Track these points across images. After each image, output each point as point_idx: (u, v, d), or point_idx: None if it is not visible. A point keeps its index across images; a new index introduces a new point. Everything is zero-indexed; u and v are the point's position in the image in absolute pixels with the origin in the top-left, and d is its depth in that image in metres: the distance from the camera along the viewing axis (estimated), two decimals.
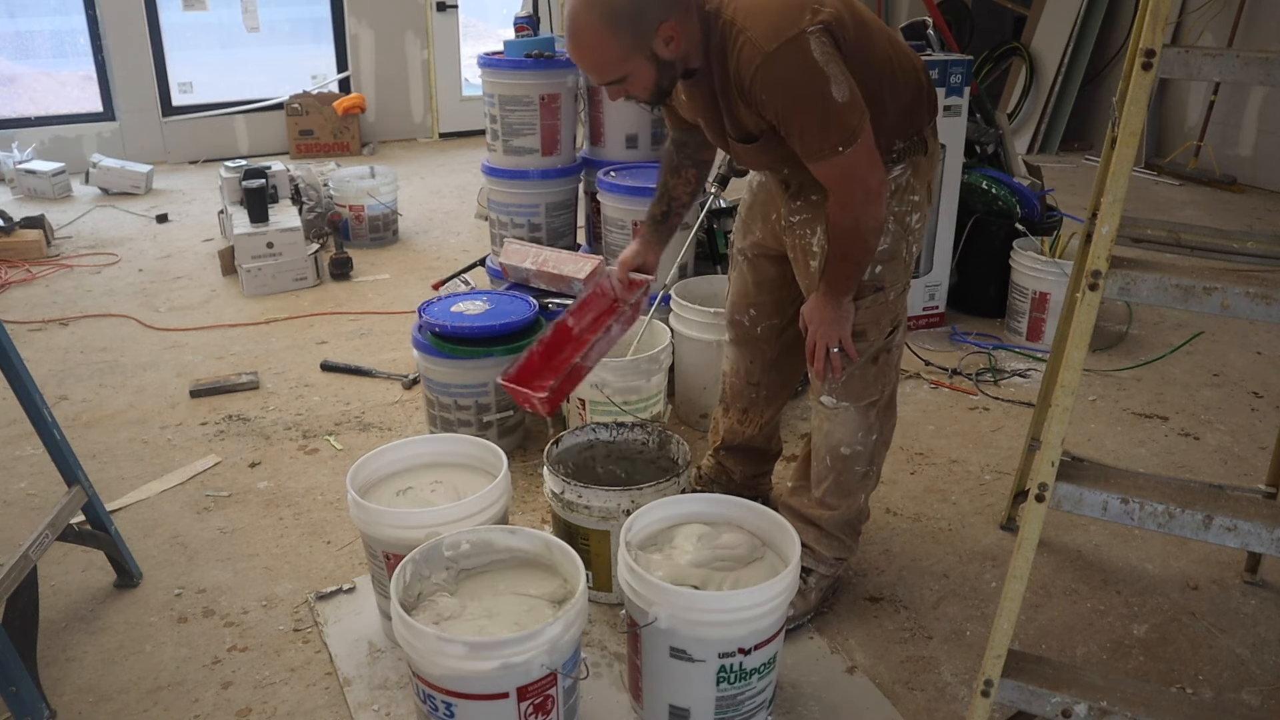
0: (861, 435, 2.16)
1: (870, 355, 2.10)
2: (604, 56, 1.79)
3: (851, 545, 2.28)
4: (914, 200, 2.05)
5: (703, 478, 2.61)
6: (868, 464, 2.20)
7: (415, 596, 1.79)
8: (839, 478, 2.19)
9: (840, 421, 2.16)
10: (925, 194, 2.08)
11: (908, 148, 2.01)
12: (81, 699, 2.01)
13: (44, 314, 4.12)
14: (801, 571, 2.17)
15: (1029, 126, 7.17)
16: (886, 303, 2.08)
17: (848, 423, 2.15)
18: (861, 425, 2.16)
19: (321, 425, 3.15)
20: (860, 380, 2.12)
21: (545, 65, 3.29)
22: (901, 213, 2.04)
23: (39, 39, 6.67)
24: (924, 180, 2.06)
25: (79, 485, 2.23)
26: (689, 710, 1.81)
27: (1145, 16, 1.39)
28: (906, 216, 2.04)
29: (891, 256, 2.05)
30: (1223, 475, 2.87)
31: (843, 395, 2.13)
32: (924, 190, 2.07)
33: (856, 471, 2.19)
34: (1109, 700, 1.59)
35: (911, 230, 2.07)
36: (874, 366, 2.12)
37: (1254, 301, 1.43)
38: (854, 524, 2.27)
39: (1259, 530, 1.46)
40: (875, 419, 2.17)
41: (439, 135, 7.73)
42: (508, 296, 3.00)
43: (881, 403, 2.16)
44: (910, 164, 2.02)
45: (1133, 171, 1.42)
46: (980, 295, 4.03)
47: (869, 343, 2.09)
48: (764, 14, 1.76)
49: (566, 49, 1.97)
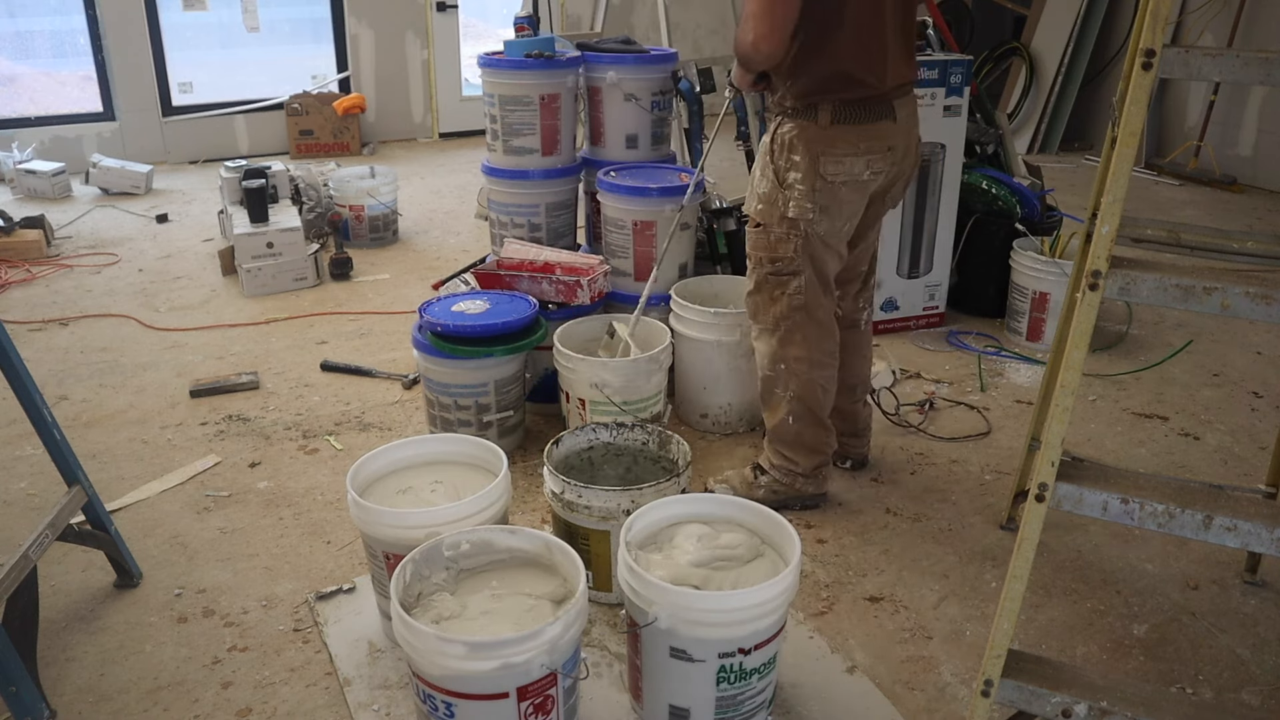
0: (767, 361, 2.55)
1: (760, 283, 2.49)
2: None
3: (796, 461, 2.58)
4: (793, 159, 2.35)
5: None
6: (784, 388, 2.54)
7: (415, 596, 1.79)
8: (762, 391, 2.62)
9: (757, 345, 2.59)
10: (809, 163, 2.32)
11: (802, 110, 2.32)
12: (81, 699, 2.01)
13: (44, 314, 4.12)
14: (758, 468, 2.66)
15: (1029, 126, 7.17)
16: (767, 241, 2.44)
17: (759, 347, 2.58)
18: (765, 350, 2.55)
19: (321, 425, 3.15)
20: (760, 306, 2.53)
21: (545, 65, 3.29)
22: (780, 166, 2.38)
23: (39, 39, 6.66)
24: (810, 151, 2.32)
25: (79, 485, 2.23)
26: (689, 710, 1.81)
27: (1145, 16, 1.39)
28: (784, 172, 2.37)
29: (769, 201, 2.41)
30: (1223, 475, 2.87)
31: (748, 314, 2.60)
32: (807, 158, 2.32)
33: (775, 394, 2.57)
34: (1109, 700, 1.59)
35: (788, 186, 2.37)
36: (768, 299, 2.50)
37: (1254, 301, 1.43)
38: (793, 443, 2.57)
39: (1259, 530, 1.46)
40: (776, 348, 2.52)
41: (439, 135, 7.73)
42: (508, 296, 3.00)
43: (779, 334, 2.50)
44: (798, 126, 2.34)
45: (1133, 171, 1.42)
46: (980, 295, 4.03)
47: (753, 266, 2.51)
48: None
49: None
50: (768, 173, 2.41)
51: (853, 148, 2.32)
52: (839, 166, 2.33)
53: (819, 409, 2.56)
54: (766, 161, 2.42)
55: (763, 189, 2.43)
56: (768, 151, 2.41)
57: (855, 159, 2.33)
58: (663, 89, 3.41)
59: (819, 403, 2.56)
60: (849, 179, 2.35)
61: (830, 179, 2.34)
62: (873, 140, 2.34)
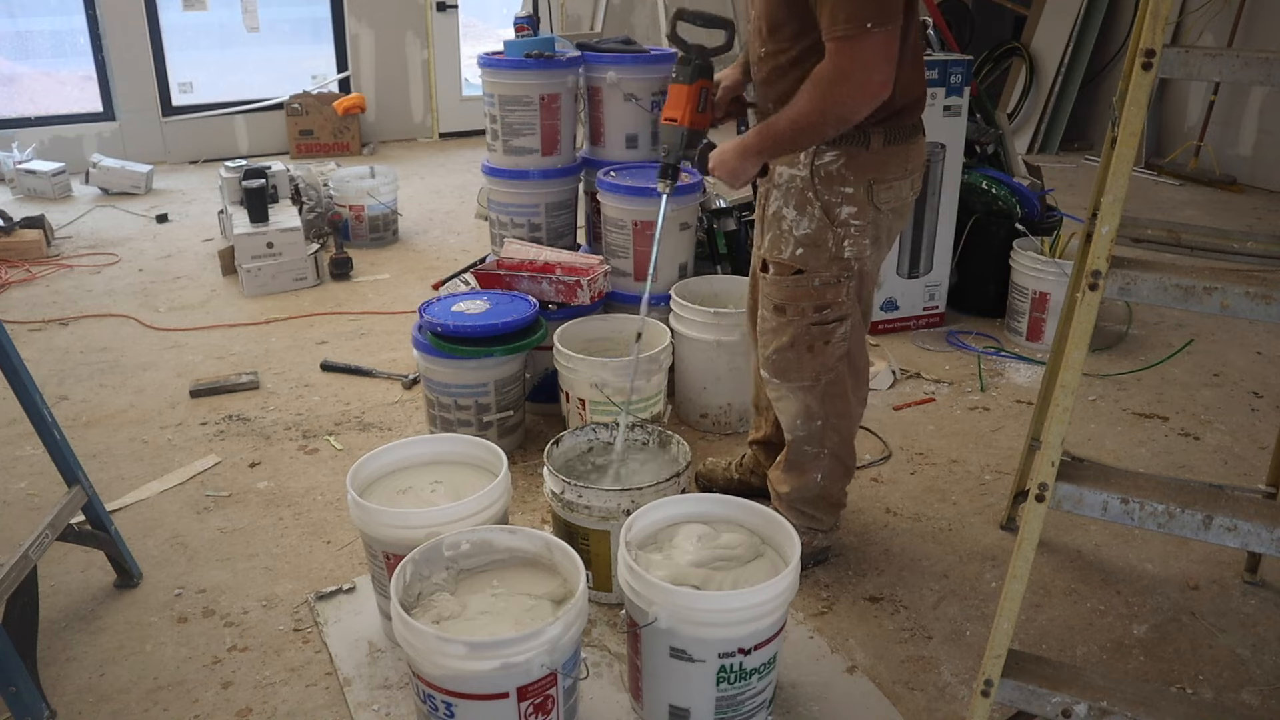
0: (801, 421, 2.25)
1: (798, 337, 2.17)
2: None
3: (819, 519, 2.36)
4: (845, 192, 2.06)
5: (742, 466, 2.68)
6: (817, 445, 2.28)
7: (415, 596, 1.79)
8: (789, 455, 2.32)
9: (782, 405, 2.28)
10: (864, 193, 2.06)
11: (847, 136, 2.02)
12: (81, 699, 2.01)
13: (44, 314, 4.12)
14: None
15: (1029, 126, 7.17)
16: (810, 288, 2.14)
17: (787, 406, 2.27)
18: (800, 410, 2.25)
19: (321, 425, 3.15)
20: (793, 362, 2.20)
21: (545, 65, 3.29)
22: (830, 202, 2.07)
23: (39, 39, 6.66)
24: (862, 176, 2.06)
25: (79, 485, 2.23)
26: (689, 710, 1.81)
27: (1145, 16, 1.39)
28: (835, 208, 2.07)
29: (814, 243, 2.10)
30: (1223, 475, 2.87)
31: (773, 372, 2.24)
32: (861, 187, 2.06)
33: (806, 452, 2.29)
34: (1109, 700, 1.59)
35: (841, 223, 2.08)
36: (806, 352, 2.18)
37: (1254, 301, 1.43)
38: (816, 501, 2.34)
39: (1259, 530, 1.46)
40: (816, 405, 2.23)
41: (439, 135, 7.73)
42: (508, 296, 3.00)
43: (819, 389, 2.22)
44: (845, 153, 2.04)
45: (1133, 171, 1.42)
46: (980, 295, 4.03)
47: (788, 319, 2.17)
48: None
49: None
50: (810, 211, 2.08)
51: (902, 169, 2.11)
52: (891, 192, 2.10)
53: (850, 459, 2.35)
54: (807, 199, 2.08)
55: (804, 230, 2.10)
56: (807, 188, 2.08)
57: (903, 182, 2.12)
58: (663, 89, 3.41)
59: (852, 453, 2.35)
60: (899, 204, 2.14)
61: (883, 207, 2.10)
62: (915, 158, 2.14)
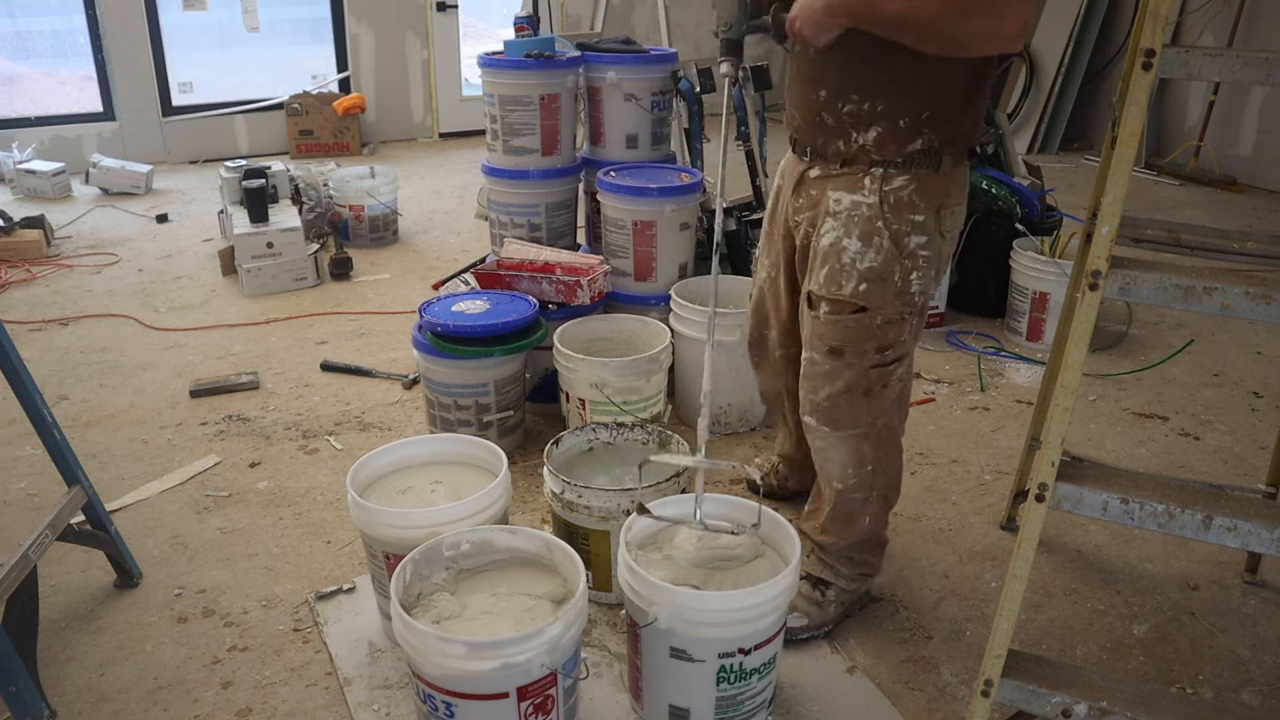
0: (852, 470, 2.08)
1: (855, 381, 1.99)
2: None
3: (869, 562, 2.22)
4: (915, 220, 1.89)
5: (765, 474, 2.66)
6: (866, 491, 2.11)
7: (415, 596, 1.79)
8: (836, 508, 2.14)
9: (828, 454, 2.08)
10: (933, 221, 1.91)
11: (920, 156, 1.86)
12: (81, 699, 2.01)
13: (44, 314, 4.12)
14: (820, 583, 2.20)
15: (1029, 126, 7.17)
16: (872, 327, 1.95)
17: (834, 456, 2.07)
18: (850, 459, 2.07)
19: (321, 425, 3.15)
20: (847, 410, 2.01)
21: (545, 65, 3.29)
22: (899, 231, 1.89)
23: (39, 39, 6.66)
24: (932, 203, 1.89)
25: (79, 485, 2.23)
26: (689, 710, 1.81)
27: (1145, 16, 1.39)
28: (905, 238, 1.89)
29: (880, 277, 1.91)
30: (1223, 475, 2.87)
31: (823, 419, 2.04)
32: (930, 215, 1.90)
33: (854, 500, 2.12)
34: (1109, 700, 1.59)
35: (910, 254, 1.90)
36: (863, 397, 2.00)
37: (1254, 301, 1.43)
38: (864, 546, 2.19)
39: (1259, 530, 1.46)
40: (868, 451, 2.06)
41: (439, 135, 7.73)
42: (508, 296, 3.00)
43: (872, 436, 2.05)
44: (916, 178, 1.88)
45: (1133, 171, 1.42)
46: (980, 295, 4.03)
47: (845, 363, 1.98)
48: None
49: None
50: (876, 242, 1.89)
51: (961, 193, 1.95)
52: (954, 219, 1.95)
53: (896, 493, 2.20)
54: (875, 228, 1.89)
55: (869, 263, 1.90)
56: (875, 217, 1.89)
57: (962, 206, 1.96)
58: (663, 89, 3.41)
59: (898, 486, 2.20)
60: (957, 230, 1.97)
61: (947, 235, 1.94)
62: (967, 180, 1.98)
